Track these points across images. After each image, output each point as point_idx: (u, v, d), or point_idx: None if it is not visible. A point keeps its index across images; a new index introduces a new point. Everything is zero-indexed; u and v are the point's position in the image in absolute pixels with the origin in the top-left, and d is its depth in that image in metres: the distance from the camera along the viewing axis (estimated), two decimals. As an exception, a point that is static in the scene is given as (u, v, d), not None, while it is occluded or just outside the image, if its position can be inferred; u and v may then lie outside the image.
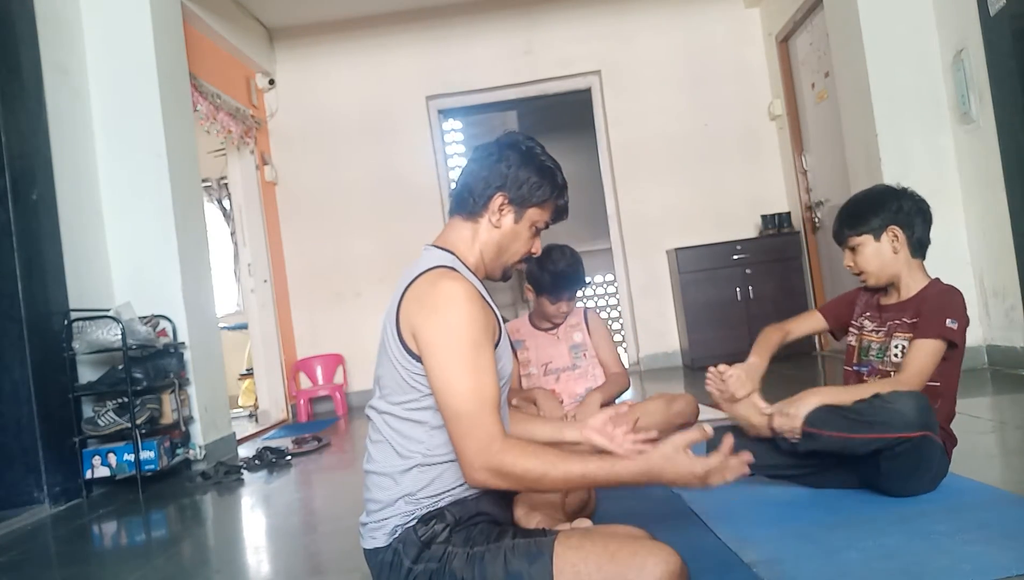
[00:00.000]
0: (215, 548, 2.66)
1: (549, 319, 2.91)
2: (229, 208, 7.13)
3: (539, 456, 1.39)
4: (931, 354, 1.96)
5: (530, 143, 1.61)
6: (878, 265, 2.10)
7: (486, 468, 1.39)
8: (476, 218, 1.58)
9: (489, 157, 1.58)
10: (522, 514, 1.69)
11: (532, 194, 1.56)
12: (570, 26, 6.11)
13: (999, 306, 3.88)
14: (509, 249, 1.60)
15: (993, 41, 3.65)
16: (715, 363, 2.23)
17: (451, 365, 1.41)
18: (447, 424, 1.43)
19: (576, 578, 1.34)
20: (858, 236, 2.10)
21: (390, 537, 1.47)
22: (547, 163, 1.59)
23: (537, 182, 1.56)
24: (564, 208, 1.62)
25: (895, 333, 2.09)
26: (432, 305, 1.44)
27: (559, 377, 2.91)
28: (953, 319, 1.97)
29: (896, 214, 2.08)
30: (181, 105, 4.32)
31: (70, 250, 3.64)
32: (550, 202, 1.59)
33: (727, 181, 6.01)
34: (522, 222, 1.58)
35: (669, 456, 1.38)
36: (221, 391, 4.35)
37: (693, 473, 1.37)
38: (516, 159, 1.56)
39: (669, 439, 1.40)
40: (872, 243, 2.09)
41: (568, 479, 1.40)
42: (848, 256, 2.16)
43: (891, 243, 2.08)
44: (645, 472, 1.39)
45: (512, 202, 1.56)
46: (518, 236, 1.59)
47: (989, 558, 1.55)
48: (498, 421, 1.41)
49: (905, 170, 4.08)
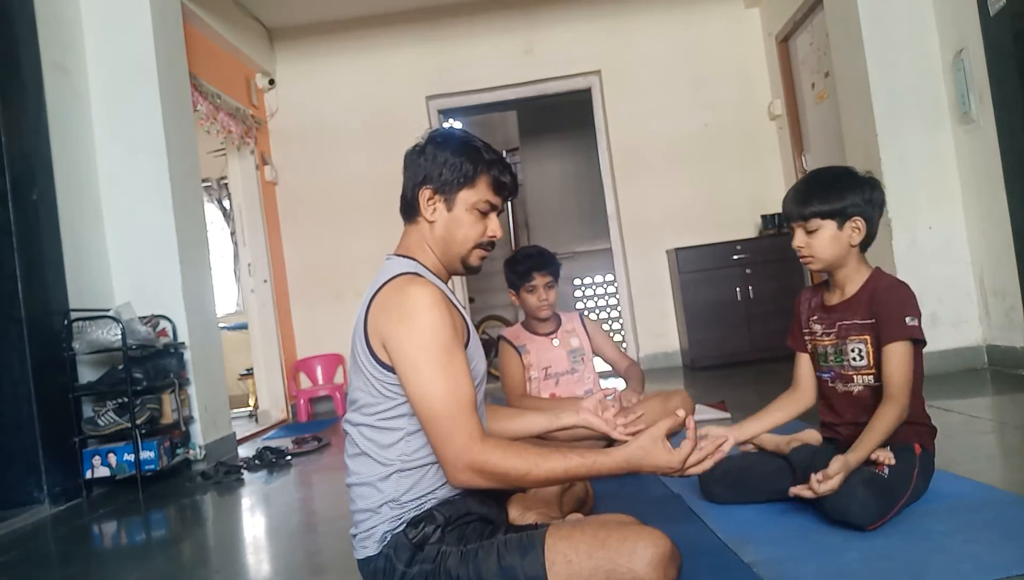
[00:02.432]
0: (215, 548, 2.66)
1: (536, 314, 2.94)
2: (229, 208, 7.13)
3: (521, 455, 1.40)
4: (905, 359, 1.90)
5: (448, 130, 1.60)
6: (833, 253, 1.97)
7: (469, 468, 1.39)
8: (416, 219, 1.59)
9: (411, 156, 1.58)
10: (517, 514, 1.70)
11: (455, 176, 1.53)
12: (570, 26, 6.11)
13: (999, 306, 3.87)
14: (455, 238, 1.57)
15: (993, 41, 3.65)
16: (715, 363, 2.24)
17: (425, 371, 1.41)
18: (426, 429, 1.44)
19: (568, 567, 1.35)
20: (822, 219, 1.95)
21: (380, 544, 1.48)
22: (469, 141, 1.56)
23: (456, 163, 1.53)
24: (503, 182, 1.57)
25: (849, 336, 2.01)
26: (400, 313, 1.44)
27: (558, 381, 2.97)
28: (912, 316, 1.91)
29: (866, 205, 1.96)
30: (181, 105, 4.32)
31: (70, 250, 3.64)
32: (481, 178, 1.54)
33: (727, 181, 6.01)
34: (456, 207, 1.55)
35: (646, 447, 1.40)
36: (221, 391, 4.35)
37: (670, 465, 1.40)
38: (432, 149, 1.56)
39: (647, 431, 1.42)
40: (833, 229, 1.95)
41: (551, 476, 1.42)
42: (801, 236, 1.99)
43: (851, 233, 1.96)
44: (624, 465, 1.41)
45: (438, 192, 1.55)
46: (459, 222, 1.56)
47: (989, 558, 1.55)
48: (477, 421, 1.42)
49: (905, 170, 4.09)
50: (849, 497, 1.75)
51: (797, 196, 2.01)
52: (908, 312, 1.92)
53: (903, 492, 1.85)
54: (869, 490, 1.78)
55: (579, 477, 1.45)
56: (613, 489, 2.30)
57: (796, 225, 2.01)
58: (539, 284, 2.88)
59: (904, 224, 4.08)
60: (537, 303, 2.89)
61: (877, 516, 1.78)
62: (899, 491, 1.85)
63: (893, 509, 1.82)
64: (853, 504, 1.76)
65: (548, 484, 1.50)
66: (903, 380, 1.89)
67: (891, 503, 1.82)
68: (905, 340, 1.91)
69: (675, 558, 1.35)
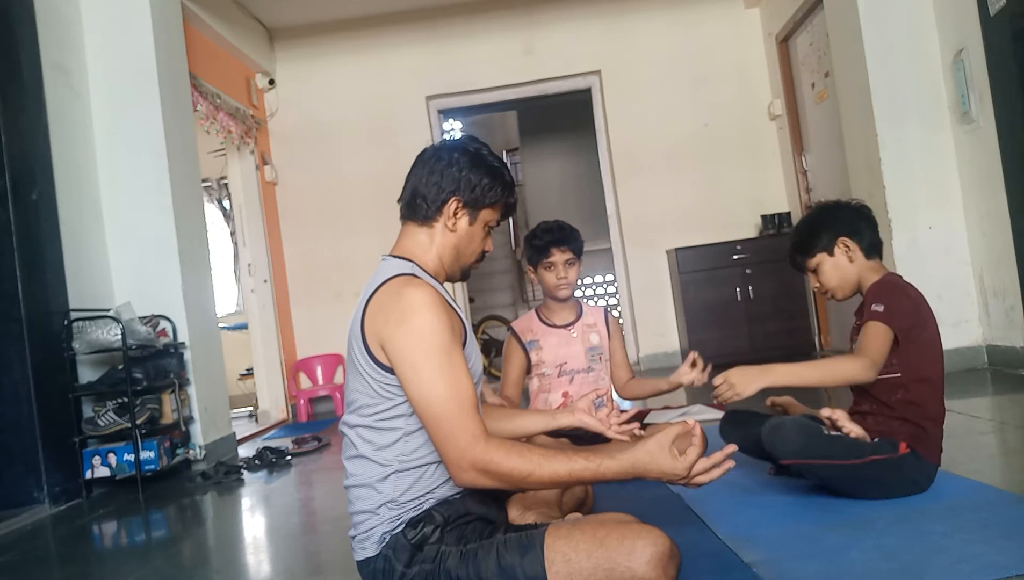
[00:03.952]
0: (215, 548, 2.66)
1: (554, 293, 2.71)
2: (229, 208, 7.13)
3: (525, 456, 1.39)
4: (871, 333, 1.98)
5: (477, 144, 1.62)
6: (839, 278, 2.14)
7: (473, 467, 1.39)
8: (431, 223, 1.59)
9: (439, 162, 1.59)
10: (517, 515, 1.70)
11: (485, 196, 1.58)
12: (570, 26, 6.11)
13: (999, 306, 3.87)
14: (466, 251, 1.62)
15: (993, 41, 3.65)
16: (715, 363, 2.28)
17: (425, 372, 1.42)
18: (428, 430, 1.44)
19: (567, 567, 1.35)
20: (812, 258, 2.16)
21: (379, 545, 1.48)
22: (496, 164, 1.61)
23: (489, 184, 1.58)
24: (513, 206, 1.66)
25: (854, 336, 2.17)
26: (398, 314, 1.44)
27: (573, 378, 2.74)
28: (878, 303, 2.00)
29: (838, 225, 2.13)
30: (181, 105, 4.33)
31: (70, 250, 3.64)
32: (501, 202, 1.61)
33: (727, 181, 6.01)
34: (476, 224, 1.60)
35: (653, 453, 1.39)
36: (221, 391, 4.35)
37: (676, 472, 1.38)
38: (466, 162, 1.57)
39: (655, 436, 1.41)
40: (828, 259, 2.14)
41: (555, 478, 1.40)
42: (812, 279, 2.21)
43: (845, 254, 2.13)
44: (630, 470, 1.40)
45: (466, 205, 1.58)
46: (473, 237, 1.61)
47: (989, 558, 1.55)
48: (479, 421, 1.42)
49: (905, 170, 4.09)
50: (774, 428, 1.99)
51: (789, 254, 2.25)
52: (877, 299, 2.03)
53: (838, 455, 1.95)
54: (797, 429, 1.96)
55: (583, 480, 1.44)
56: (613, 488, 2.31)
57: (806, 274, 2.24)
58: (558, 261, 2.64)
59: (904, 224, 4.08)
60: (555, 281, 2.66)
61: (794, 455, 1.96)
62: (834, 451, 1.96)
63: (816, 460, 1.96)
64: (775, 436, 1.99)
65: (552, 486, 1.48)
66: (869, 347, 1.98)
67: (816, 453, 1.95)
68: (869, 321, 2.01)
69: (674, 557, 1.35)
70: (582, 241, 2.72)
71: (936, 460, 2.05)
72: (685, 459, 1.38)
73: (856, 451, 1.96)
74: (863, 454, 1.96)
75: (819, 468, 1.98)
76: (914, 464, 1.99)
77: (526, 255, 2.76)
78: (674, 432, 1.41)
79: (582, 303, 2.85)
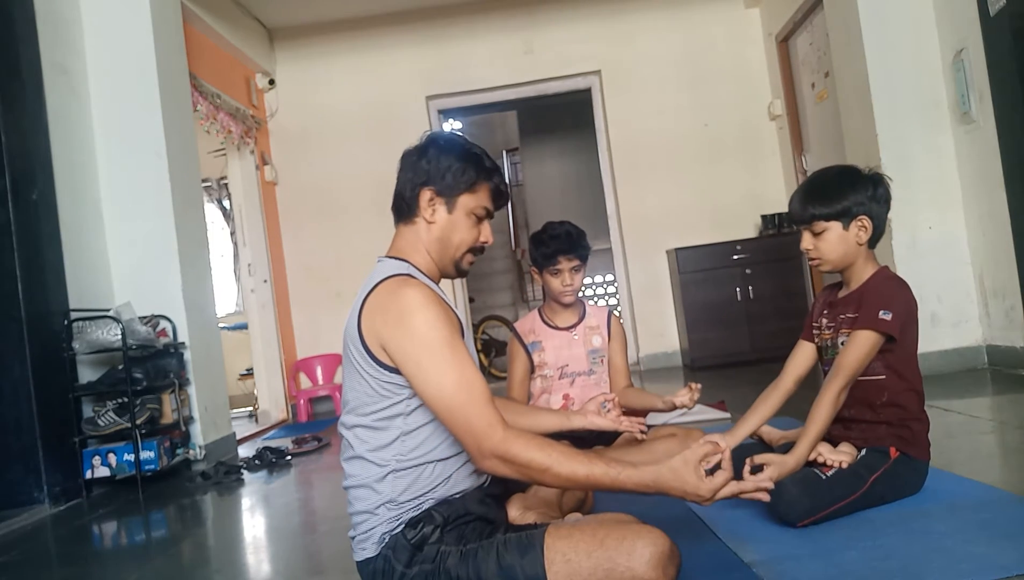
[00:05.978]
0: (215, 548, 2.66)
1: (559, 298, 2.69)
2: (229, 208, 7.13)
3: (545, 450, 1.39)
4: (861, 347, 1.91)
5: (449, 135, 1.62)
6: (841, 254, 2.00)
7: (493, 454, 1.39)
8: (413, 220, 1.60)
9: (410, 157, 1.60)
10: (517, 515, 1.70)
11: (458, 181, 1.56)
12: (570, 26, 6.11)
13: (999, 306, 3.87)
14: (452, 242, 1.60)
15: (993, 41, 3.65)
16: (715, 363, 2.26)
17: (430, 367, 1.42)
18: (446, 425, 1.44)
19: (567, 567, 1.35)
20: (826, 221, 1.98)
21: (379, 546, 1.48)
22: (471, 149, 1.59)
23: (460, 168, 1.56)
24: (501, 191, 1.62)
25: (841, 329, 2.03)
26: (397, 314, 1.45)
27: (574, 381, 2.70)
28: (887, 310, 1.90)
29: (870, 202, 1.97)
30: (181, 105, 4.32)
31: (70, 250, 3.64)
32: (481, 185, 1.58)
33: (727, 181, 6.01)
34: (456, 211, 1.58)
35: (678, 471, 1.36)
36: (221, 391, 4.35)
37: (698, 492, 1.35)
38: (434, 152, 1.57)
39: (681, 453, 1.38)
40: (839, 230, 1.98)
41: (572, 478, 1.39)
42: (808, 239, 2.02)
43: (858, 232, 1.98)
44: (652, 483, 1.37)
45: (440, 194, 1.57)
46: (456, 226, 1.59)
47: (989, 558, 1.55)
48: (494, 410, 1.41)
49: (905, 170, 4.09)
50: (778, 494, 1.74)
51: (800, 199, 2.03)
52: (885, 306, 1.92)
53: (846, 494, 1.87)
54: (800, 488, 1.83)
55: (601, 486, 1.39)
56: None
57: (802, 228, 2.04)
58: (564, 268, 2.62)
59: (904, 224, 4.08)
60: (560, 288, 2.64)
61: (807, 514, 1.83)
62: (840, 492, 1.87)
63: (828, 508, 1.85)
64: (780, 502, 1.81)
65: (568, 486, 1.45)
66: (850, 364, 1.91)
67: (826, 502, 1.85)
68: (869, 330, 1.92)
69: (674, 557, 1.35)
70: (589, 246, 2.70)
71: (926, 457, 2.02)
72: (712, 482, 1.35)
73: (857, 481, 1.90)
74: (864, 480, 1.90)
75: (834, 513, 1.88)
76: (907, 466, 1.98)
77: (531, 255, 2.73)
78: (702, 451, 1.37)
79: (586, 303, 2.82)
